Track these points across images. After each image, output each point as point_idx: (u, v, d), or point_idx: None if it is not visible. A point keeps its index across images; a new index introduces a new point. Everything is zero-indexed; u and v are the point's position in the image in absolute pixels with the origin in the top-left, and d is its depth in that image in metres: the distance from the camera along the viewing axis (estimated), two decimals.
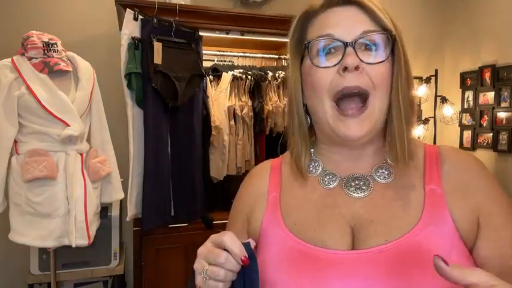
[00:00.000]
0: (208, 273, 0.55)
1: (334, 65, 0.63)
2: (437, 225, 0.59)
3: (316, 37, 0.65)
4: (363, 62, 0.62)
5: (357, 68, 0.61)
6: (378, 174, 0.68)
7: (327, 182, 0.69)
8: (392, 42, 0.64)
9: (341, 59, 0.62)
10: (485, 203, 0.62)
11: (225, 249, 0.55)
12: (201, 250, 0.58)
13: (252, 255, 0.56)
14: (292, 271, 0.61)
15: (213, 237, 0.58)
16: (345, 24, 0.64)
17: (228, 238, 0.55)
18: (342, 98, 0.64)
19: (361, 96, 0.63)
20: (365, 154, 0.69)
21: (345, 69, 0.61)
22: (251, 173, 0.81)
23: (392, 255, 0.58)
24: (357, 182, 0.67)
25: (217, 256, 0.55)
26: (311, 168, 0.72)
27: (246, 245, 0.56)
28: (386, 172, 0.67)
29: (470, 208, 0.61)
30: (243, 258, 0.55)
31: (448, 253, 0.57)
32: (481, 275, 0.46)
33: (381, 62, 0.63)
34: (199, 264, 0.57)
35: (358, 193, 0.66)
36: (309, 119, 0.72)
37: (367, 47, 0.63)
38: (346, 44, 0.62)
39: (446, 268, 0.46)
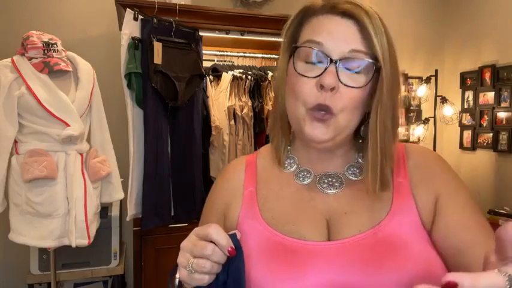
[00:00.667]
0: (194, 266, 0.55)
1: (314, 77, 0.64)
2: (405, 214, 0.64)
3: (306, 41, 0.65)
4: (341, 82, 0.63)
5: (332, 89, 0.62)
6: (350, 172, 0.71)
7: (301, 178, 0.72)
8: (378, 70, 0.63)
9: (321, 74, 0.63)
10: (443, 191, 0.66)
11: (210, 241, 0.56)
12: (185, 244, 0.58)
13: (238, 246, 0.56)
14: (271, 263, 0.62)
15: (197, 230, 0.58)
16: (336, 37, 0.63)
17: (214, 230, 0.56)
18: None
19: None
20: (336, 155, 0.72)
21: (321, 86, 0.62)
22: (225, 169, 0.81)
23: (366, 244, 0.61)
24: (329, 179, 0.71)
25: (203, 248, 0.55)
26: (286, 165, 0.75)
27: (232, 236, 0.57)
28: (358, 170, 0.71)
29: (430, 197, 0.66)
30: (229, 249, 0.55)
31: (414, 239, 0.62)
32: None
33: (358, 87, 0.63)
34: (183, 258, 0.57)
35: (330, 190, 0.70)
36: None
37: (350, 67, 0.63)
38: (330, 61, 0.62)
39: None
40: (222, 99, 2.38)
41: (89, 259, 2.11)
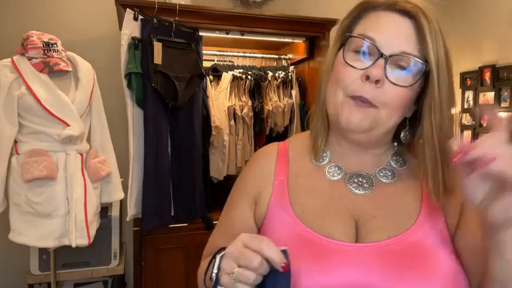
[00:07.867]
0: (239, 276, 0.53)
1: (361, 69, 0.63)
2: (432, 222, 0.64)
3: (359, 33, 0.66)
4: (386, 77, 0.62)
5: (377, 81, 0.62)
6: (382, 174, 0.71)
7: (331, 174, 0.71)
8: (427, 72, 0.63)
9: (368, 66, 0.63)
10: None
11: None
12: (231, 250, 0.55)
13: (288, 262, 0.55)
14: (299, 255, 0.61)
15: (246, 239, 0.55)
16: (391, 33, 0.63)
17: (266, 246, 0.53)
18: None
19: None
20: (369, 154, 0.71)
21: (367, 77, 0.62)
22: (257, 154, 0.81)
23: (394, 250, 0.62)
24: (360, 179, 0.70)
25: (251, 260, 0.53)
26: (319, 157, 0.74)
27: (284, 252, 0.55)
28: (390, 173, 0.71)
29: (457, 204, 0.65)
30: (283, 265, 0.53)
31: (440, 248, 0.62)
32: None
33: (404, 86, 0.63)
34: (227, 265, 0.55)
35: (359, 190, 0.69)
36: None
37: (399, 66, 0.63)
38: (380, 55, 0.62)
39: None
40: (222, 99, 2.38)
41: (89, 259, 2.10)
